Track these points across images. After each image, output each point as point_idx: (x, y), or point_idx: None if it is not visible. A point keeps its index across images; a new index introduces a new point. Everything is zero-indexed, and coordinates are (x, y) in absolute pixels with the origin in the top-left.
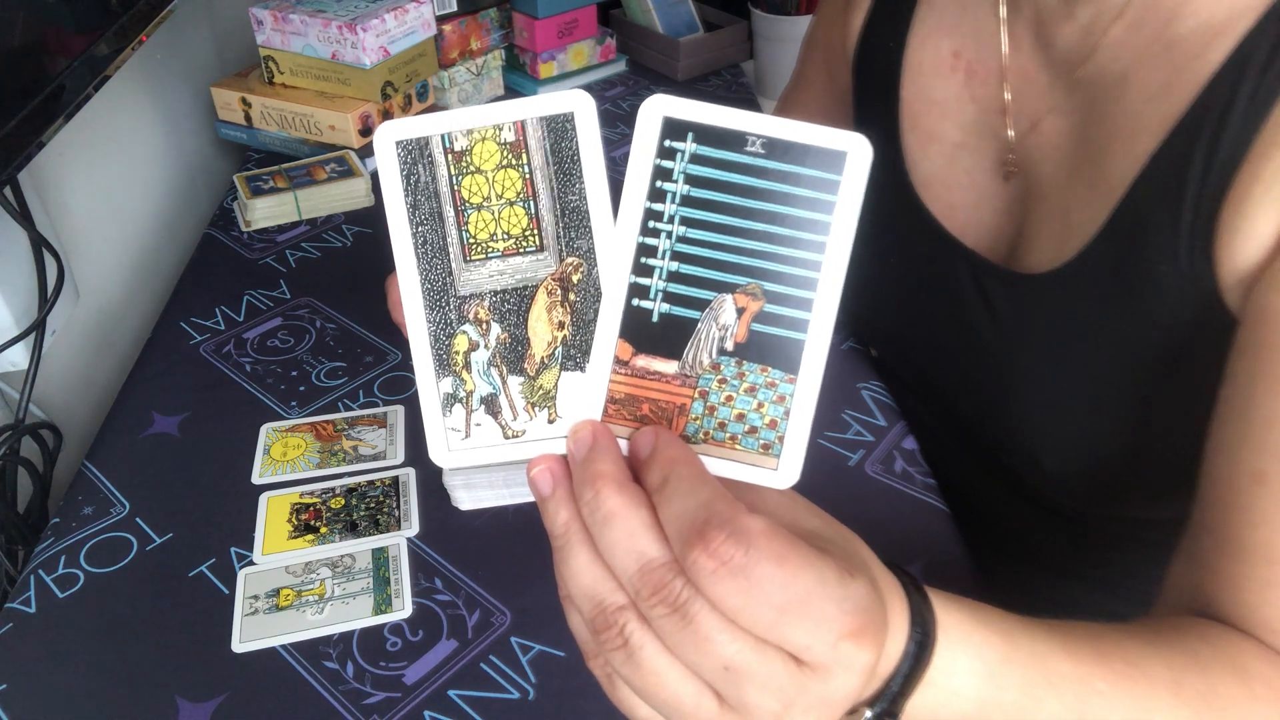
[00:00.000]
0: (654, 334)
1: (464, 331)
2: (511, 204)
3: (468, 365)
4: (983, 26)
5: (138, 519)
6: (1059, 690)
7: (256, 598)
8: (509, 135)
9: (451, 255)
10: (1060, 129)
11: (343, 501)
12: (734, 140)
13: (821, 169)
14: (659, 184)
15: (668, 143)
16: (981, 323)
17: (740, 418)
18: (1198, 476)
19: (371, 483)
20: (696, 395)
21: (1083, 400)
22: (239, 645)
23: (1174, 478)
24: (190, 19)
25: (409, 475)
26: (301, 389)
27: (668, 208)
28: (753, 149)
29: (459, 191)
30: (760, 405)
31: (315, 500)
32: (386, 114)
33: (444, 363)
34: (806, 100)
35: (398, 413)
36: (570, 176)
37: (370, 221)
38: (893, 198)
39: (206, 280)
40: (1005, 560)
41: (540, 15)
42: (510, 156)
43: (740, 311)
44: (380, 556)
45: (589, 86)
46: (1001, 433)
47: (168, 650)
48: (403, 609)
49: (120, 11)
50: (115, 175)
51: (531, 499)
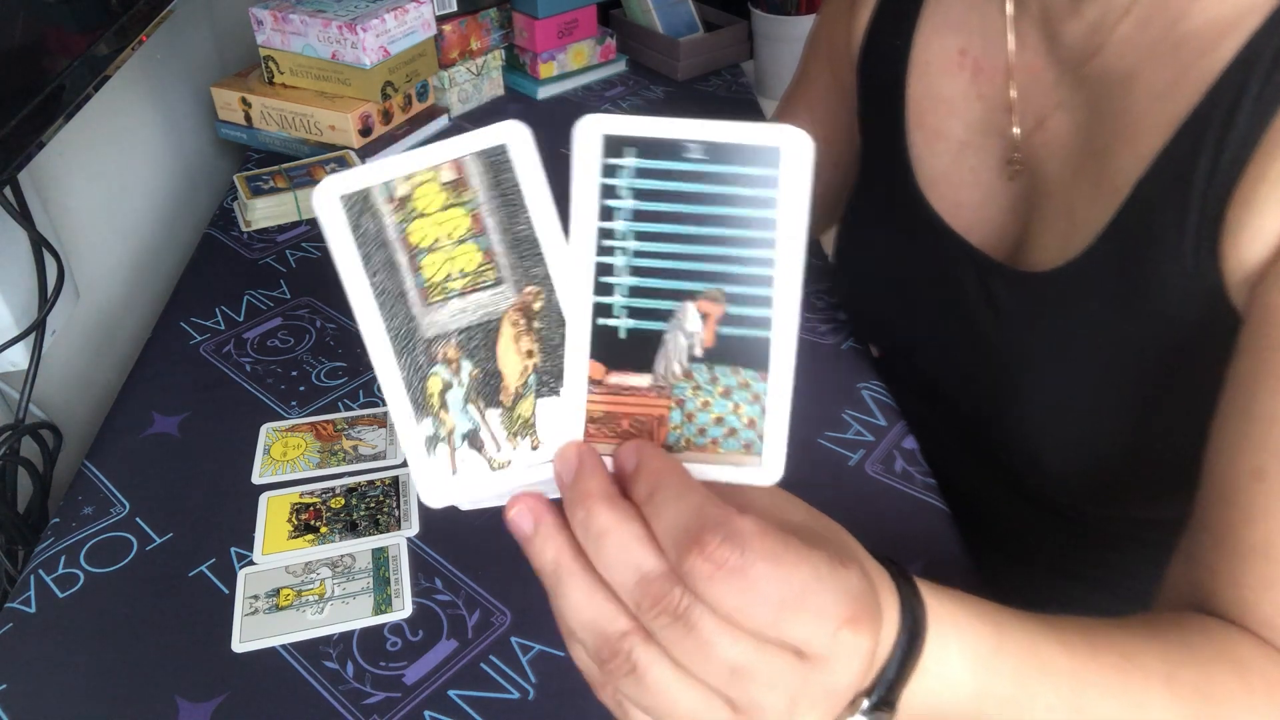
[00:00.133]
0: (623, 350)
1: (435, 373)
2: (462, 242)
3: (444, 405)
4: (990, 24)
5: (138, 519)
6: (1053, 681)
7: (256, 598)
8: (448, 175)
9: (410, 300)
10: (1066, 126)
11: (343, 501)
12: (673, 150)
13: (761, 166)
14: (606, 202)
15: (609, 160)
16: (985, 321)
17: (719, 421)
18: (1198, 475)
19: (371, 483)
20: (674, 404)
21: (1085, 399)
22: (239, 645)
23: (1175, 477)
24: (190, 19)
25: (409, 475)
26: (301, 389)
27: (618, 224)
28: (693, 156)
29: (407, 237)
30: (737, 406)
31: (315, 500)
32: (386, 114)
33: (420, 405)
34: (809, 99)
35: None
36: (515, 206)
37: None
38: (897, 196)
39: (206, 280)
40: (1005, 560)
41: (540, 15)
42: (453, 195)
43: (704, 317)
44: (380, 556)
45: (589, 86)
46: (1003, 432)
47: (168, 650)
48: (403, 609)
49: (120, 11)
50: (115, 175)
51: None
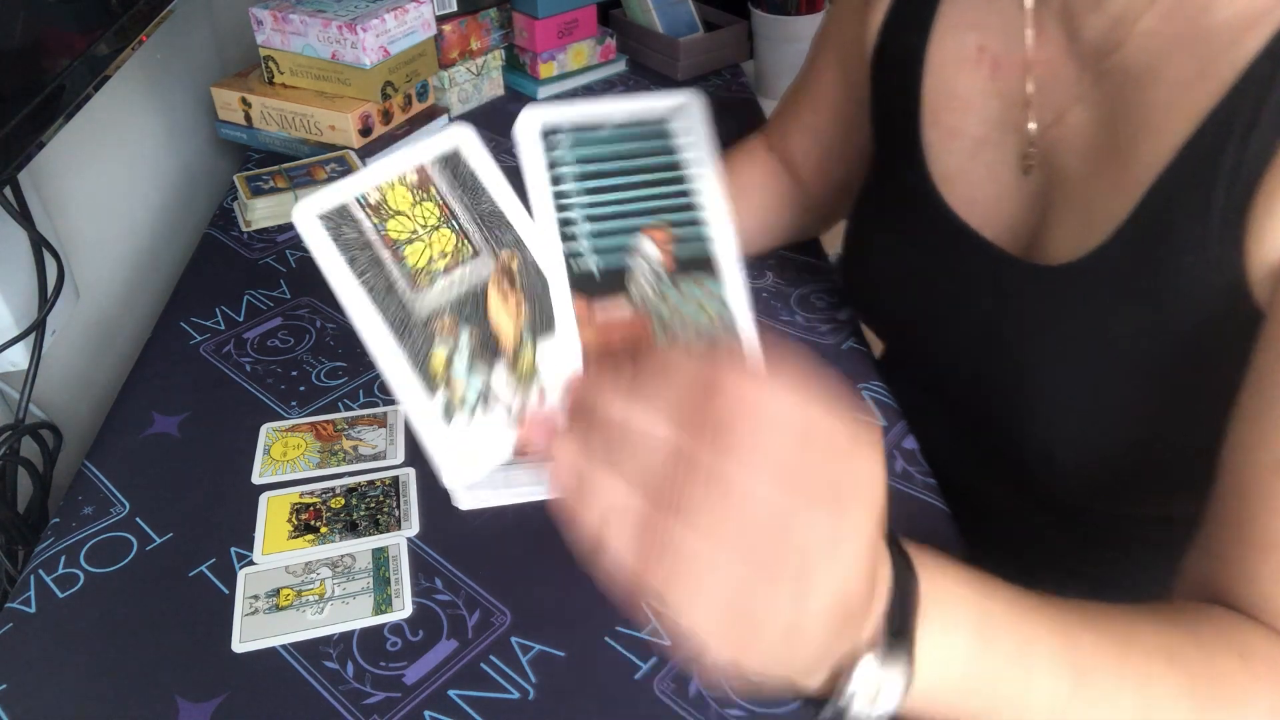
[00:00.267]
0: (600, 287)
1: (436, 349)
2: (436, 228)
3: (451, 375)
4: (1009, 20)
5: (138, 519)
6: (1050, 650)
7: (256, 598)
8: (412, 178)
9: (400, 290)
10: (1086, 121)
11: (343, 501)
12: (598, 127)
13: (671, 121)
14: (555, 171)
15: (549, 139)
16: (999, 315)
17: (696, 330)
18: (1212, 471)
19: (371, 483)
20: (655, 324)
21: (1100, 393)
22: (239, 645)
23: (1189, 473)
24: (190, 19)
25: (409, 475)
26: (301, 389)
27: (568, 185)
28: (615, 127)
29: (387, 235)
30: (703, 306)
31: (315, 500)
32: (386, 114)
33: (429, 382)
34: (815, 97)
35: (398, 413)
36: (476, 190)
37: None
38: (911, 192)
39: (206, 280)
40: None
41: (540, 15)
42: (420, 194)
43: (656, 243)
44: (380, 556)
45: (589, 86)
46: (1015, 427)
47: (168, 650)
48: (403, 609)
49: (120, 11)
50: (115, 175)
51: (532, 499)
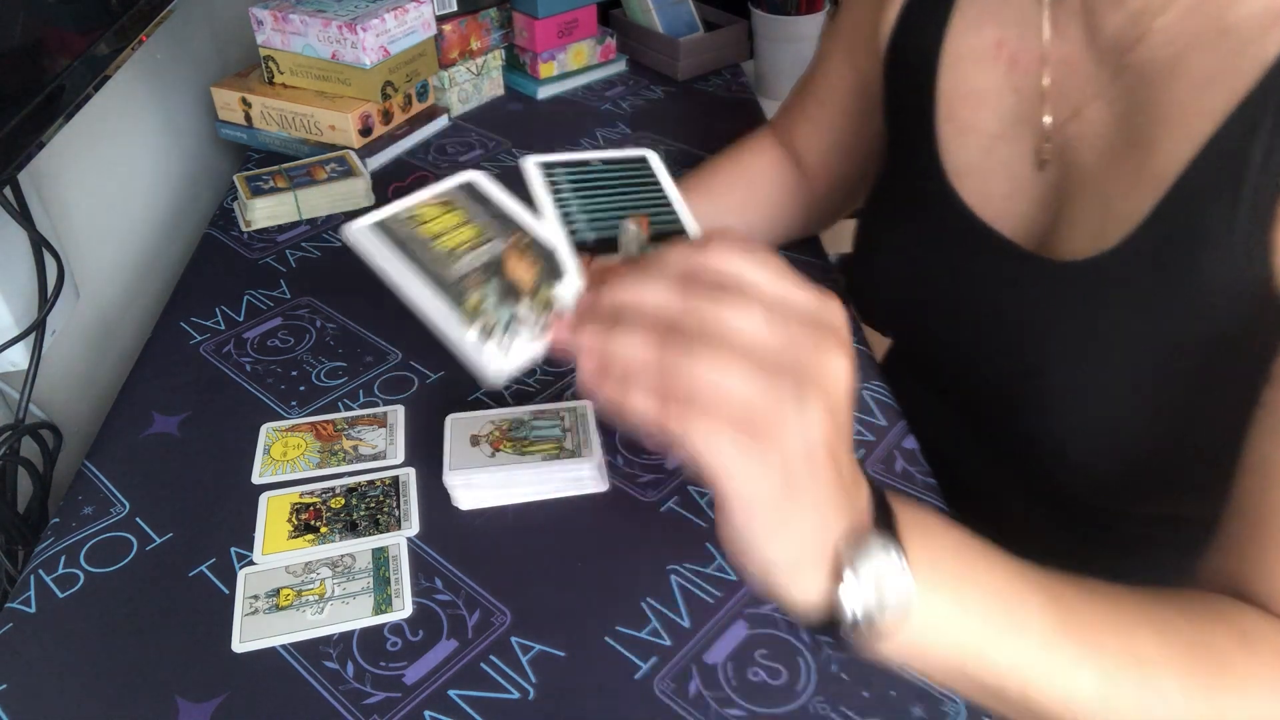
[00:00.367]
0: (595, 249)
1: (470, 295)
2: (459, 227)
3: (484, 309)
4: (1027, 15)
5: (138, 519)
6: (1037, 596)
7: (256, 598)
8: (437, 200)
9: (438, 263)
10: (1104, 117)
11: (343, 501)
12: (584, 164)
13: (644, 161)
14: (555, 185)
15: (549, 169)
16: (1014, 310)
17: None
18: (1232, 469)
19: (371, 482)
20: None
21: (1115, 390)
22: (239, 645)
23: (1204, 473)
24: (190, 19)
25: (409, 475)
26: (301, 389)
27: (565, 194)
28: (600, 163)
29: (422, 233)
30: None
31: (315, 500)
32: (386, 114)
33: (468, 315)
34: (825, 90)
35: (398, 413)
36: (488, 202)
37: None
38: (924, 187)
39: (206, 280)
40: None
41: (540, 15)
42: (444, 208)
43: (639, 225)
44: (380, 556)
45: (589, 86)
46: (1027, 424)
47: (168, 650)
48: (403, 609)
49: (120, 11)
50: (115, 175)
51: (531, 499)
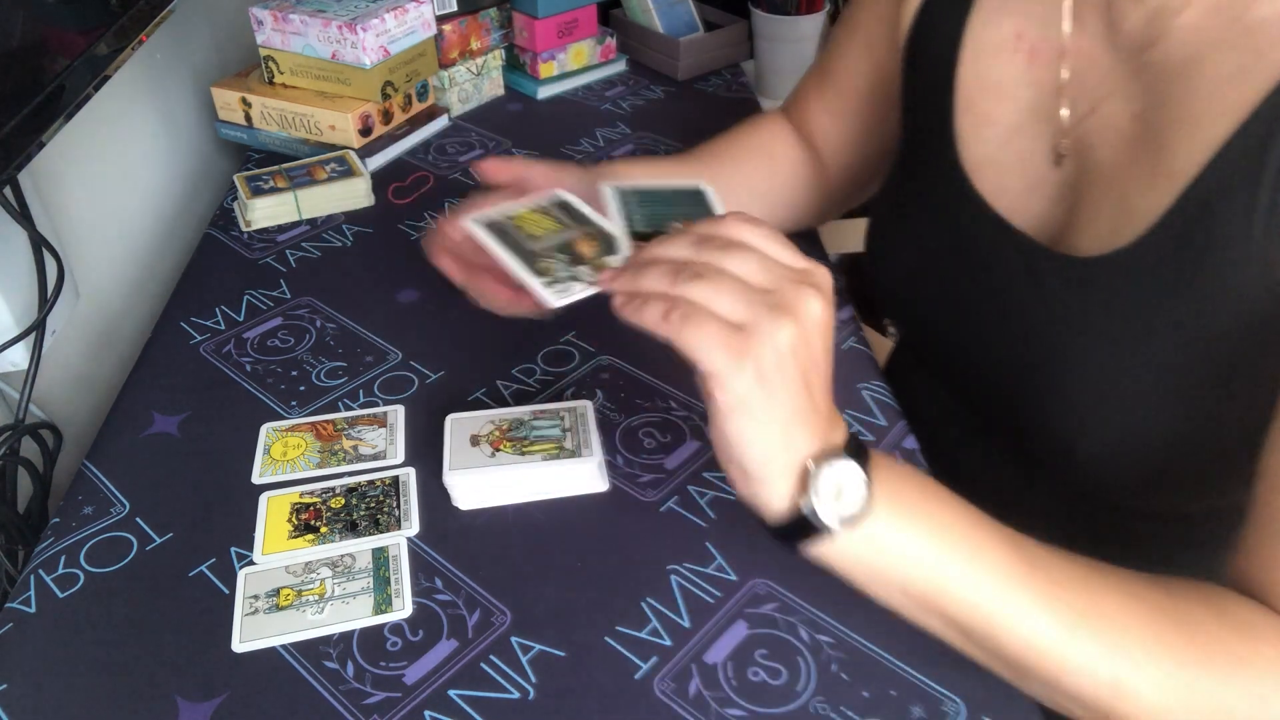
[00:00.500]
0: (648, 239)
1: (544, 262)
2: (543, 223)
3: (555, 271)
4: (1049, 8)
5: (138, 519)
6: (999, 534)
7: (256, 597)
8: (529, 207)
9: (524, 244)
10: (1122, 113)
11: (343, 501)
12: (649, 189)
13: (694, 192)
14: (623, 200)
15: (619, 192)
16: (1028, 305)
17: None
18: (1246, 468)
19: (371, 482)
20: None
21: (1129, 386)
22: (239, 645)
23: (1216, 471)
24: (190, 19)
25: (409, 475)
26: (301, 389)
27: (631, 205)
28: (659, 190)
29: (518, 227)
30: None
31: (315, 500)
32: (386, 114)
33: (542, 275)
34: (842, 80)
35: (398, 412)
36: (568, 209)
37: (370, 221)
38: (940, 180)
39: (206, 280)
40: None
41: (540, 15)
42: (535, 212)
43: (684, 226)
44: (380, 556)
45: (589, 86)
46: (1037, 418)
47: (168, 650)
48: (403, 609)
49: (120, 11)
50: (115, 175)
51: (531, 499)
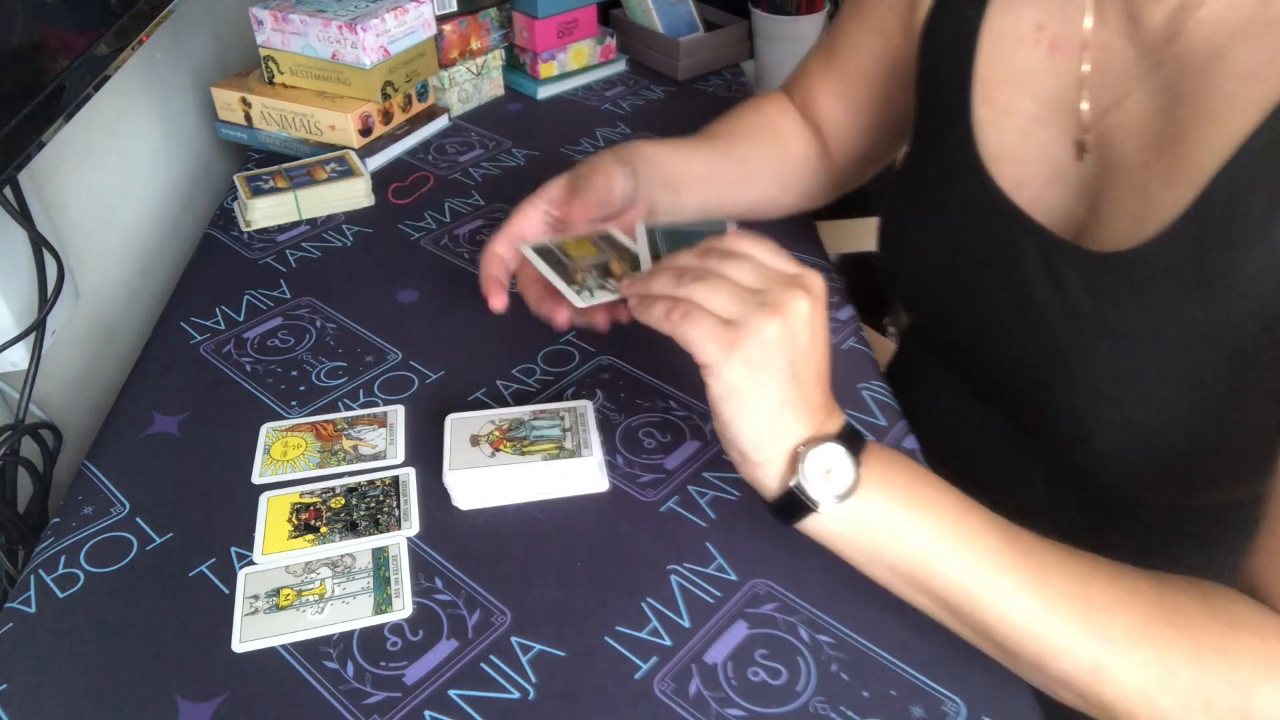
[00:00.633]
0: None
1: (582, 279)
2: (584, 245)
3: (588, 283)
4: (1070, 0)
5: (138, 519)
6: (986, 517)
7: (256, 597)
8: (576, 237)
9: (565, 262)
10: (1144, 107)
11: (343, 501)
12: (677, 226)
13: (718, 225)
14: (650, 232)
15: (650, 225)
16: (1047, 298)
17: None
18: (1264, 464)
19: (371, 482)
20: None
21: (1148, 380)
22: (239, 645)
23: (1232, 466)
24: (190, 19)
25: (409, 475)
26: (301, 389)
27: (658, 236)
28: (687, 226)
29: (564, 250)
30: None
31: (315, 500)
32: (386, 114)
33: (577, 286)
34: (850, 64)
35: (398, 412)
36: (610, 239)
37: (370, 221)
38: (957, 170)
39: (206, 280)
40: None
41: (540, 15)
42: (583, 241)
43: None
44: (380, 556)
45: (589, 86)
46: (1051, 409)
47: (168, 650)
48: (403, 609)
49: (120, 11)
50: (115, 175)
51: (531, 499)
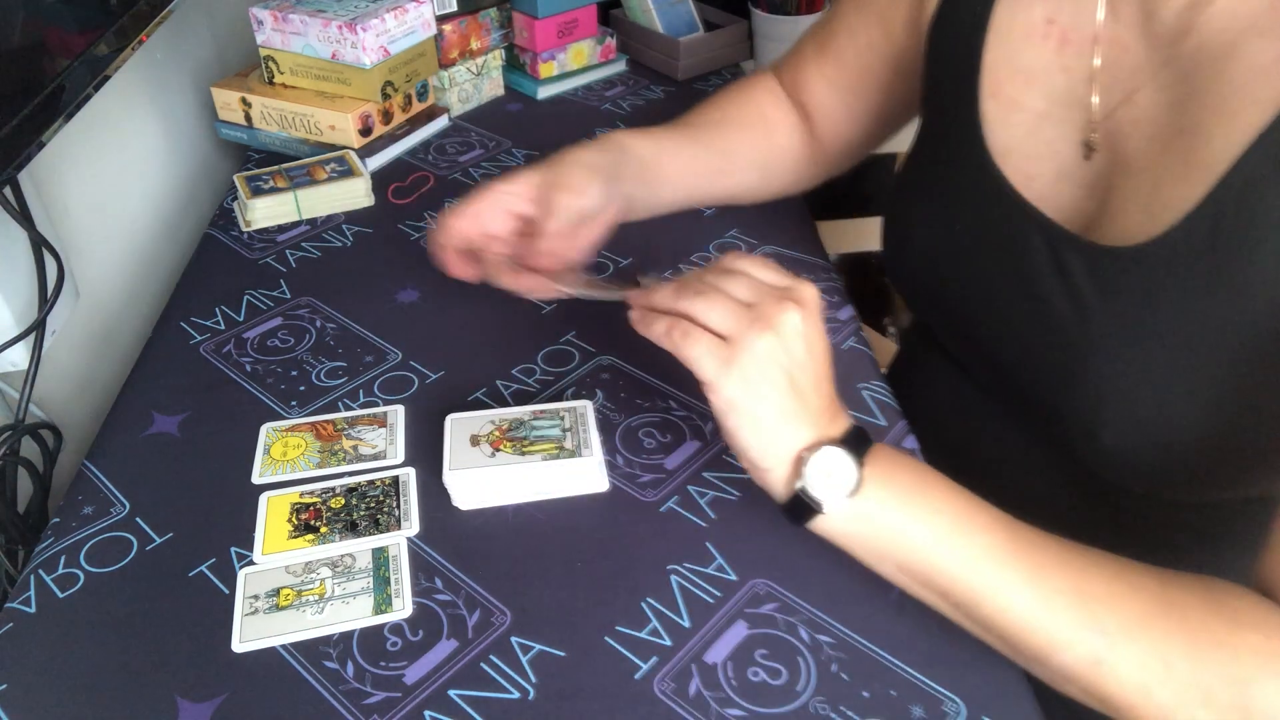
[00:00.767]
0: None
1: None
2: (602, 284)
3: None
4: None
5: (138, 519)
6: (989, 516)
7: (256, 597)
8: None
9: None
10: (1156, 102)
11: (343, 501)
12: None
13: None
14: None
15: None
16: (1055, 293)
17: None
18: (1271, 461)
19: (371, 482)
20: None
21: (1159, 376)
22: (239, 645)
23: (1244, 463)
24: (190, 19)
25: (409, 475)
26: (301, 389)
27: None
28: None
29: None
30: None
31: (315, 500)
32: (386, 114)
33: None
34: (846, 51)
35: (398, 412)
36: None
37: (370, 221)
38: (965, 165)
39: (206, 280)
40: None
41: (540, 15)
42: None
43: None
44: (380, 556)
45: (589, 86)
46: (1059, 406)
47: (168, 650)
48: (403, 609)
49: (120, 11)
50: (115, 175)
51: (531, 499)
